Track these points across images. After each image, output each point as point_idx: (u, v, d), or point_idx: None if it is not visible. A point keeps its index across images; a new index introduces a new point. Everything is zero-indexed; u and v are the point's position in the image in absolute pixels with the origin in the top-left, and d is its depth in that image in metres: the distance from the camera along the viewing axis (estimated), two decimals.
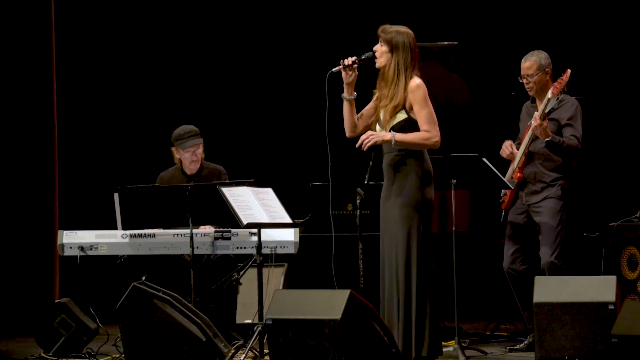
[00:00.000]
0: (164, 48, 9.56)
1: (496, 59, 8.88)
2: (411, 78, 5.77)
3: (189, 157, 7.38)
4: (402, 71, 5.77)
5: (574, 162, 6.86)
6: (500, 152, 7.02)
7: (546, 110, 6.70)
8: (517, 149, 6.96)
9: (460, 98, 7.80)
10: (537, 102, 6.93)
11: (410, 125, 5.77)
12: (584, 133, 6.80)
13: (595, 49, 8.94)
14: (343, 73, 5.84)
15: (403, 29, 5.83)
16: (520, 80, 6.88)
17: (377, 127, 5.87)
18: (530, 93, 6.92)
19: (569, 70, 6.64)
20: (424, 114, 5.75)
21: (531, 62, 6.84)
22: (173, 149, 7.43)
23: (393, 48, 5.78)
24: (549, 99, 6.69)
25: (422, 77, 5.81)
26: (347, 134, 5.97)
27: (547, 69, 6.83)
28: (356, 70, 5.85)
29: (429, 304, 5.76)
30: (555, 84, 6.66)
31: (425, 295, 5.75)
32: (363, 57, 5.85)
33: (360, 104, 5.96)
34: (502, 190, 7.00)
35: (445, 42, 7.72)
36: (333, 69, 5.85)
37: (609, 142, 8.84)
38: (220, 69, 9.62)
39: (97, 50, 9.50)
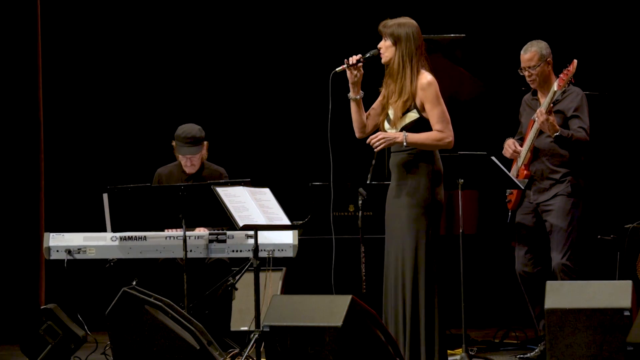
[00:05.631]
0: (158, 44, 9.56)
1: (505, 52, 8.86)
2: (418, 70, 5.77)
3: (184, 162, 7.40)
4: (407, 62, 5.77)
5: (582, 157, 6.85)
6: (503, 152, 7.00)
7: (551, 105, 6.69)
8: (520, 146, 6.95)
9: (467, 93, 7.80)
10: (539, 94, 6.93)
11: (422, 125, 5.76)
12: (595, 129, 6.80)
13: (608, 40, 8.94)
14: (348, 72, 5.83)
15: (404, 20, 5.84)
16: (521, 73, 6.87)
17: (386, 124, 5.86)
18: (532, 85, 6.91)
19: (575, 61, 6.63)
20: (436, 113, 5.75)
21: (532, 53, 6.83)
22: (174, 143, 7.44)
23: (396, 40, 5.78)
24: (555, 92, 6.68)
25: (430, 69, 5.81)
26: (357, 135, 5.97)
27: (548, 59, 6.84)
28: (361, 69, 5.84)
29: (437, 311, 5.76)
30: (562, 75, 6.65)
31: (434, 301, 5.75)
32: (368, 55, 5.84)
33: (367, 104, 5.95)
34: (507, 189, 7.00)
35: (452, 35, 7.73)
36: (337, 69, 5.83)
37: (624, 140, 8.84)
38: (218, 65, 9.62)
39: (86, 45, 9.50)
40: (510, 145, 6.96)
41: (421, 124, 5.77)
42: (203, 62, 9.59)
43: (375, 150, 5.79)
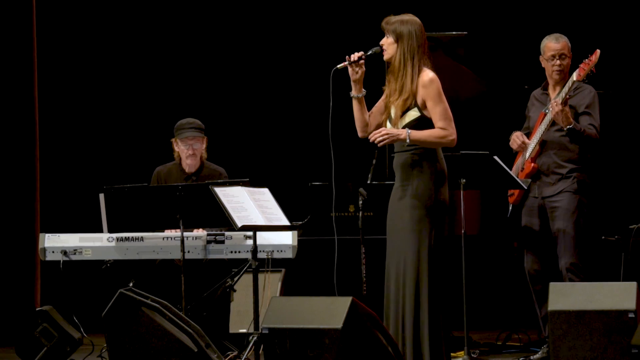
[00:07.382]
0: (156, 42, 9.56)
1: (507, 50, 8.87)
2: (420, 68, 5.75)
3: (185, 150, 7.37)
4: (408, 60, 5.75)
5: (588, 154, 6.84)
6: (510, 144, 6.99)
7: (567, 96, 6.68)
8: (528, 139, 6.94)
9: (469, 91, 7.79)
10: (550, 89, 6.91)
11: (423, 123, 5.75)
12: (601, 128, 6.79)
13: (612, 39, 8.93)
14: (350, 69, 5.82)
15: (407, 17, 5.83)
16: (551, 62, 6.81)
17: (388, 124, 5.85)
18: (558, 77, 6.84)
19: (598, 51, 6.61)
20: (438, 110, 5.74)
21: (564, 43, 6.85)
22: (173, 140, 7.43)
23: (398, 38, 5.77)
24: (574, 82, 6.66)
25: (433, 68, 5.79)
26: (359, 134, 5.95)
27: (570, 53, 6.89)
28: (363, 67, 5.82)
29: (440, 313, 5.74)
30: (582, 65, 6.64)
31: (437, 303, 5.73)
32: (370, 52, 5.83)
33: (370, 103, 5.94)
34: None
35: (454, 32, 7.72)
36: (338, 66, 5.82)
37: (629, 139, 8.84)
38: (216, 63, 9.61)
39: (82, 44, 9.49)
40: (518, 137, 6.94)
41: (422, 123, 5.76)
42: (201, 60, 9.59)
43: (379, 145, 5.77)
